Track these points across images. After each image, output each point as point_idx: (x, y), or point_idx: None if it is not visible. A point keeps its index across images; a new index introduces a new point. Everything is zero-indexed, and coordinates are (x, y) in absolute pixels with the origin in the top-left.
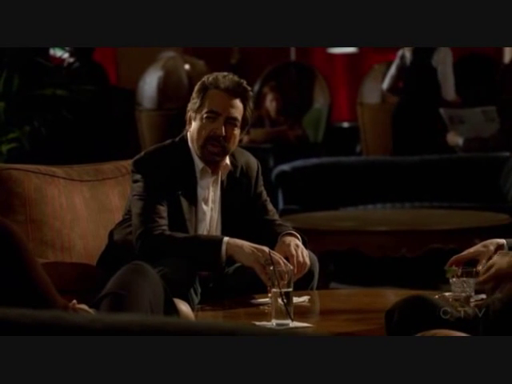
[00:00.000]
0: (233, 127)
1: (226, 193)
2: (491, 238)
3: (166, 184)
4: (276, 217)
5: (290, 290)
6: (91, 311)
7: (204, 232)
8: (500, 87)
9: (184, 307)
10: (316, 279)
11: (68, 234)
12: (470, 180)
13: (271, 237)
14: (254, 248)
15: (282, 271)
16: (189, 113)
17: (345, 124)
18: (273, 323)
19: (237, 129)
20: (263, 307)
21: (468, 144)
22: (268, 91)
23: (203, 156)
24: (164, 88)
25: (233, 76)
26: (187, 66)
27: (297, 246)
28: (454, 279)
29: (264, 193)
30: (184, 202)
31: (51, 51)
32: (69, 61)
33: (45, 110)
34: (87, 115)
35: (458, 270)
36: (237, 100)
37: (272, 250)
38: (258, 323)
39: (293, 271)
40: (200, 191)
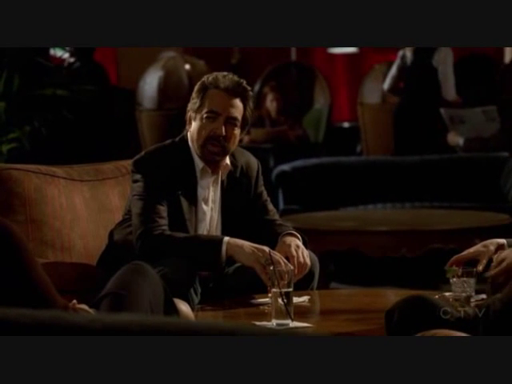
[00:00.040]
0: (233, 127)
1: (226, 193)
2: (491, 238)
3: (166, 184)
4: (276, 217)
5: (290, 290)
6: (91, 311)
7: (204, 232)
8: (500, 87)
9: (184, 307)
10: (316, 279)
11: (68, 234)
12: (471, 180)
13: (271, 237)
14: (255, 248)
15: (282, 271)
16: (189, 113)
17: (345, 124)
18: (273, 323)
19: (237, 128)
20: (263, 307)
21: (468, 144)
22: (268, 91)
23: (203, 156)
24: (164, 88)
25: (232, 76)
26: (187, 66)
27: (297, 247)
28: (455, 279)
29: (264, 193)
30: (184, 202)
31: (51, 51)
32: (69, 61)
33: (45, 110)
34: (87, 115)
35: (459, 270)
36: (237, 100)
37: (272, 250)
38: (258, 323)
39: (293, 272)
40: (200, 191)
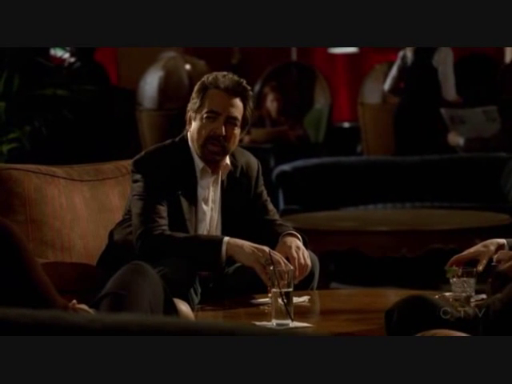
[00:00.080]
0: (233, 127)
1: (226, 193)
2: (491, 238)
3: (166, 184)
4: (276, 217)
5: (290, 290)
6: (91, 311)
7: (204, 232)
8: (500, 87)
9: (184, 307)
10: (316, 279)
11: (68, 234)
12: (471, 180)
13: (272, 237)
14: (255, 248)
15: (282, 271)
16: (189, 113)
17: (345, 124)
18: (273, 323)
19: (237, 128)
20: (263, 307)
21: (469, 144)
22: (269, 91)
23: (203, 156)
24: (165, 88)
25: (232, 75)
26: (188, 66)
27: (298, 248)
28: (455, 279)
29: (264, 193)
30: (184, 202)
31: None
32: (69, 61)
33: (45, 110)
34: (88, 115)
35: (459, 270)
36: (237, 99)
37: (272, 250)
38: (258, 323)
39: (294, 273)
40: (200, 191)
